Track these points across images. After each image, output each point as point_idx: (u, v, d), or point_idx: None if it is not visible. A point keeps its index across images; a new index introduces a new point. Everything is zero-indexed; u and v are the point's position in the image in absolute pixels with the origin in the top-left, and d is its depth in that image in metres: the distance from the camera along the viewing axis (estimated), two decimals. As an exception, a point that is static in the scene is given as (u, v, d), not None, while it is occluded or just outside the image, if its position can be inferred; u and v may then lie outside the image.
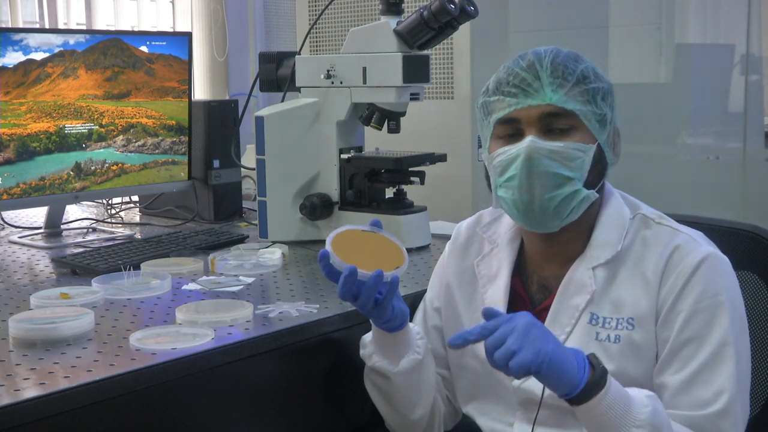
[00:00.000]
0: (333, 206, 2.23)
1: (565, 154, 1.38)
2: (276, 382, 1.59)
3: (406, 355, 1.53)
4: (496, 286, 1.53)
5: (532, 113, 1.40)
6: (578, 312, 1.43)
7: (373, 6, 2.66)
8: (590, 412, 1.27)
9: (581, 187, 1.40)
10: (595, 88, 1.41)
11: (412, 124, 2.33)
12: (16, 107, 2.25)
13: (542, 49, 1.44)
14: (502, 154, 1.42)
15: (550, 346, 1.25)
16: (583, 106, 1.40)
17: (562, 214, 1.41)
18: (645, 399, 1.29)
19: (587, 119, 1.40)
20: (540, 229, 1.44)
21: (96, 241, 2.35)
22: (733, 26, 3.37)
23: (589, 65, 1.44)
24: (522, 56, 1.44)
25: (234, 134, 2.56)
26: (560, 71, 1.40)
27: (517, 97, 1.40)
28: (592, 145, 1.41)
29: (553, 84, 1.39)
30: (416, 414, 1.58)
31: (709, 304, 1.35)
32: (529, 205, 1.40)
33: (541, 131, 1.39)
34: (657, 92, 3.34)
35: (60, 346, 1.46)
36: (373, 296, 1.42)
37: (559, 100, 1.39)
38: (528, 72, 1.41)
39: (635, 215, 1.47)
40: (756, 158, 3.29)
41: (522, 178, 1.39)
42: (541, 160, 1.38)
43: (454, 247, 1.64)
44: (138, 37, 2.58)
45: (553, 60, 1.41)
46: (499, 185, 1.44)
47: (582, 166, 1.40)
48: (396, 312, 1.48)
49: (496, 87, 1.44)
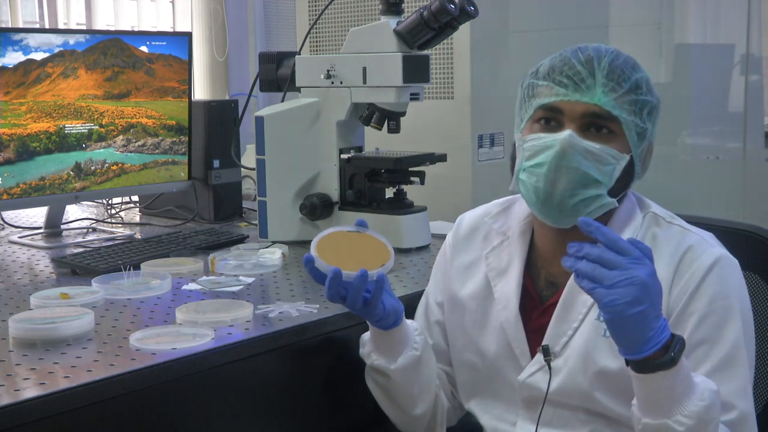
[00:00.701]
0: (333, 206, 2.23)
1: (598, 157, 1.37)
2: (276, 382, 1.59)
3: (403, 353, 1.53)
4: (507, 279, 1.52)
5: (577, 108, 1.38)
6: (586, 308, 1.43)
7: (373, 6, 2.66)
8: (647, 385, 1.25)
9: (605, 193, 1.39)
10: (645, 101, 1.41)
11: (412, 124, 2.33)
12: (16, 107, 2.25)
13: (603, 47, 1.43)
14: (536, 139, 1.40)
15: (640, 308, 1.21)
16: (629, 116, 1.39)
17: (579, 214, 1.39)
18: (705, 392, 1.26)
19: (628, 129, 1.39)
20: (552, 223, 1.43)
21: (96, 241, 2.35)
22: (733, 26, 3.37)
23: (644, 76, 1.42)
24: (582, 49, 1.42)
25: (234, 134, 2.56)
26: (616, 75, 1.38)
27: (567, 88, 1.39)
28: (626, 155, 1.40)
29: (606, 86, 1.38)
30: (418, 410, 1.57)
31: (721, 306, 1.35)
32: (549, 196, 1.39)
33: (580, 128, 1.38)
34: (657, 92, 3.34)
35: (60, 346, 1.46)
36: (360, 296, 1.42)
37: (607, 104, 1.37)
38: (584, 66, 1.39)
39: (646, 214, 1.47)
40: (756, 158, 3.29)
41: (550, 167, 1.37)
42: (574, 156, 1.36)
43: (456, 238, 1.63)
44: (138, 37, 2.58)
45: (611, 62, 1.39)
46: (524, 168, 1.42)
47: (612, 173, 1.39)
48: (388, 310, 1.47)
49: (548, 72, 1.42)
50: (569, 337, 1.44)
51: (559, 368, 1.44)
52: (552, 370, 1.44)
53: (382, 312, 1.47)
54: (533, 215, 1.49)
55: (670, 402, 1.25)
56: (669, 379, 1.24)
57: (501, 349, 1.51)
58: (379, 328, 1.52)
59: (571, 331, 1.43)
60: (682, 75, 3.40)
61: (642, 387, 1.26)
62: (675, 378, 1.24)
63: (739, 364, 1.35)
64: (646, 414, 1.27)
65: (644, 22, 3.40)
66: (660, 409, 1.26)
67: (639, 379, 1.26)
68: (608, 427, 1.43)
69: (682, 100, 3.38)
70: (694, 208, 1.87)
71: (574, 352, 1.43)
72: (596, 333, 1.42)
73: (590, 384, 1.41)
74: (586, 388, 1.42)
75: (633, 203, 1.48)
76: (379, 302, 1.45)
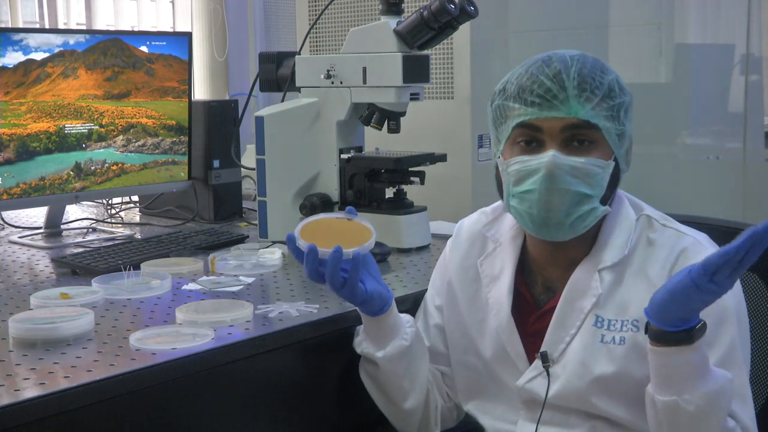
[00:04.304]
0: (333, 206, 2.23)
1: (585, 171, 1.37)
2: (276, 382, 1.59)
3: (392, 341, 1.54)
4: (499, 285, 1.52)
5: (555, 125, 1.37)
6: (583, 314, 1.43)
7: (373, 6, 2.65)
8: (662, 358, 1.26)
9: (598, 204, 1.39)
10: (620, 104, 1.39)
11: (412, 124, 2.33)
12: (16, 107, 2.25)
13: (567, 55, 1.40)
14: (519, 163, 1.39)
15: None
16: (607, 122, 1.38)
17: (577, 229, 1.40)
18: (719, 378, 1.27)
19: (608, 134, 1.39)
20: (551, 239, 1.43)
21: (96, 241, 2.35)
22: (733, 26, 3.36)
23: (614, 77, 1.41)
24: (546, 62, 1.39)
25: (234, 134, 2.56)
26: (587, 84, 1.36)
27: (540, 108, 1.37)
28: (610, 161, 1.39)
29: (579, 97, 1.36)
30: (408, 403, 1.58)
31: (716, 309, 1.34)
32: (545, 220, 1.39)
33: (562, 144, 1.37)
34: (657, 92, 3.33)
35: (60, 346, 1.46)
36: (337, 273, 1.44)
37: (585, 114, 1.36)
38: (553, 82, 1.36)
39: (639, 216, 1.47)
40: (756, 158, 3.29)
41: (541, 193, 1.37)
42: (563, 177, 1.36)
43: (456, 244, 1.63)
44: (138, 37, 2.58)
45: (580, 70, 1.37)
46: (513, 194, 1.41)
47: (601, 183, 1.39)
48: (371, 292, 1.48)
49: (518, 93, 1.39)
50: (567, 344, 1.44)
51: (557, 374, 1.44)
52: (550, 376, 1.44)
53: (364, 294, 1.47)
54: None
55: (683, 380, 1.26)
56: (684, 356, 1.25)
57: (498, 354, 1.52)
58: (367, 314, 1.53)
59: (568, 338, 1.44)
60: (682, 75, 3.40)
61: (657, 361, 1.27)
62: (690, 355, 1.25)
63: (736, 365, 1.35)
64: (659, 391, 1.29)
65: (644, 22, 3.40)
66: (673, 386, 1.27)
67: (656, 353, 1.27)
68: (608, 426, 1.44)
69: (682, 100, 3.38)
70: (694, 208, 1.86)
71: (572, 358, 1.43)
72: (594, 339, 1.42)
73: (588, 389, 1.42)
74: (584, 394, 1.42)
75: (627, 207, 1.48)
76: (357, 282, 1.46)
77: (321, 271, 1.45)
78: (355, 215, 1.55)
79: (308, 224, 1.52)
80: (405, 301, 1.75)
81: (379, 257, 2.02)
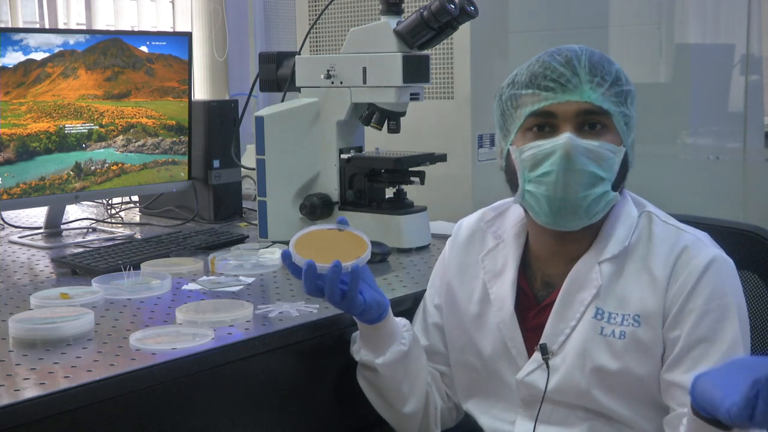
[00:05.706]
0: (333, 206, 2.23)
1: (599, 154, 1.39)
2: (276, 382, 1.59)
3: (391, 347, 1.54)
4: (501, 281, 1.53)
5: (569, 109, 1.39)
6: (584, 306, 1.43)
7: (373, 6, 2.65)
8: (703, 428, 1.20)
9: (610, 189, 1.41)
10: (627, 90, 1.43)
11: (412, 124, 2.33)
12: (16, 107, 2.25)
13: (575, 46, 1.44)
14: (534, 148, 1.41)
15: None
16: (617, 107, 1.41)
17: (591, 214, 1.41)
18: None
19: (618, 121, 1.41)
20: (565, 227, 1.43)
21: (96, 241, 2.35)
22: (733, 26, 3.36)
23: (619, 67, 1.44)
24: (557, 51, 1.43)
25: (234, 134, 2.56)
26: (598, 70, 1.40)
27: (554, 92, 1.40)
28: (622, 147, 1.41)
29: (591, 82, 1.39)
30: (408, 407, 1.58)
31: (718, 305, 1.36)
32: (562, 202, 1.39)
33: (575, 128, 1.39)
34: (657, 92, 3.34)
35: (60, 346, 1.46)
36: (337, 287, 1.44)
37: (597, 99, 1.39)
38: (566, 68, 1.40)
39: (641, 212, 1.48)
40: (756, 158, 3.29)
41: (558, 174, 1.38)
42: (578, 157, 1.37)
43: (456, 243, 1.64)
44: (138, 37, 2.58)
45: (590, 58, 1.41)
46: (529, 180, 1.42)
47: (613, 167, 1.41)
48: (369, 302, 1.48)
49: (530, 80, 1.42)
50: (567, 336, 1.44)
51: (556, 366, 1.44)
52: (550, 368, 1.45)
53: (363, 304, 1.48)
54: (528, 218, 1.49)
55: None
56: None
57: (498, 349, 1.52)
58: (365, 323, 1.53)
59: (568, 330, 1.44)
60: (682, 75, 3.40)
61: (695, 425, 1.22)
62: None
63: None
64: None
65: (644, 22, 3.40)
66: None
67: (695, 421, 1.21)
68: (607, 425, 1.44)
69: (682, 100, 3.38)
70: (694, 208, 1.87)
71: (571, 350, 1.43)
72: (593, 331, 1.42)
73: (588, 382, 1.42)
74: (583, 386, 1.42)
75: (629, 202, 1.49)
76: (356, 294, 1.46)
77: (320, 285, 1.45)
78: (347, 225, 1.55)
79: (301, 237, 1.52)
80: (405, 301, 1.75)
81: (379, 257, 2.02)
